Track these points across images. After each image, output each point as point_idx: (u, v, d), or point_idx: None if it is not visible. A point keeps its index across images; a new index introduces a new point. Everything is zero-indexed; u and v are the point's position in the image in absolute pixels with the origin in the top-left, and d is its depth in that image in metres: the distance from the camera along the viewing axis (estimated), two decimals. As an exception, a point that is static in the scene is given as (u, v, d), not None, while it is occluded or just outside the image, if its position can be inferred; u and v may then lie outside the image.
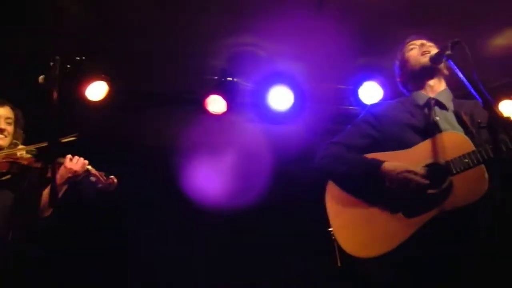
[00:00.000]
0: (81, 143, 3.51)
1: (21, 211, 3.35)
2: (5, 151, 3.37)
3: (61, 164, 3.38)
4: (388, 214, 2.74)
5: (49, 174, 3.23)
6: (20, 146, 3.45)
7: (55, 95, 2.51)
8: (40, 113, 3.40)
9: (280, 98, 5.33)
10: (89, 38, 4.76)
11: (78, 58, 4.83)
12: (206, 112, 5.38)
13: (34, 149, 3.42)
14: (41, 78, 2.63)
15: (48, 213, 3.30)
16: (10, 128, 3.49)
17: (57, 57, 2.61)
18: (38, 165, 3.34)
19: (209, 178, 5.94)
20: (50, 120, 2.49)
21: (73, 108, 4.88)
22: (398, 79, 3.27)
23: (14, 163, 3.30)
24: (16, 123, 3.56)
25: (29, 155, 3.39)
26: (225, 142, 5.87)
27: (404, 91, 3.24)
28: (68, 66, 4.73)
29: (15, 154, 3.36)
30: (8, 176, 3.34)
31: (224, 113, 5.39)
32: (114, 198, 3.73)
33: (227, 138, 5.80)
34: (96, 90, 5.09)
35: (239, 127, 5.75)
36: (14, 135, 3.52)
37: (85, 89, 5.04)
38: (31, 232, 3.33)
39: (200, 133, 5.75)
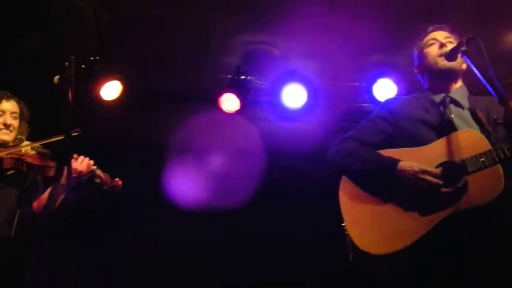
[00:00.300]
0: (95, 142, 3.51)
1: (24, 208, 3.36)
2: (10, 148, 3.34)
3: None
4: (401, 212, 2.72)
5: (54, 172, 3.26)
6: (25, 142, 3.43)
7: (70, 95, 2.52)
8: (49, 110, 3.44)
9: (294, 96, 5.32)
10: (103, 37, 4.78)
11: (92, 58, 4.87)
12: (220, 110, 5.39)
13: (39, 146, 3.41)
14: (56, 78, 2.64)
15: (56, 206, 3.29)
16: (15, 123, 3.47)
17: (72, 57, 2.61)
18: (43, 162, 3.33)
19: (222, 176, 5.94)
20: (65, 120, 2.50)
21: (88, 107, 4.90)
22: (415, 70, 3.22)
23: (18, 160, 3.27)
24: (21, 117, 3.54)
25: (34, 152, 3.37)
26: (238, 140, 5.87)
27: (421, 80, 3.20)
28: (83, 66, 4.81)
29: (20, 150, 3.34)
30: (12, 171, 3.32)
31: (237, 111, 5.40)
32: (119, 198, 3.69)
33: (240, 136, 5.80)
34: (110, 90, 5.12)
35: (252, 125, 5.75)
36: (19, 129, 3.51)
37: (100, 88, 5.07)
38: (33, 230, 3.33)
39: (214, 131, 5.77)
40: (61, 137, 3.24)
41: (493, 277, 2.57)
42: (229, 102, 5.37)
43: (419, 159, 2.75)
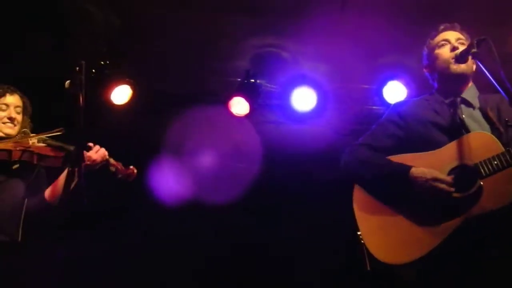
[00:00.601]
0: (105, 145, 3.51)
1: (32, 199, 3.34)
2: (18, 139, 3.35)
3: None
4: (416, 220, 2.69)
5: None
6: (32, 135, 3.43)
7: (81, 99, 2.53)
8: (58, 111, 3.46)
9: (304, 99, 5.32)
10: (112, 41, 4.80)
11: (102, 62, 4.89)
12: (229, 114, 5.40)
13: (46, 138, 3.40)
14: (67, 83, 2.65)
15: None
16: (19, 117, 3.47)
17: (83, 62, 2.62)
18: (50, 153, 3.32)
19: (233, 178, 5.94)
20: (76, 125, 2.51)
21: (99, 112, 4.92)
22: (424, 69, 3.17)
23: (26, 151, 3.26)
24: (24, 111, 3.54)
25: (41, 144, 3.37)
26: (248, 144, 5.87)
27: (430, 80, 3.16)
28: (93, 70, 4.83)
29: (27, 142, 3.34)
30: (17, 166, 3.32)
31: (247, 115, 5.40)
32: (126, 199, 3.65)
33: (251, 139, 5.80)
34: (120, 94, 5.14)
35: (262, 128, 5.75)
36: (22, 124, 3.50)
37: (110, 93, 5.09)
38: (42, 221, 3.32)
39: (224, 135, 5.77)
40: (59, 132, 3.28)
41: (505, 282, 2.55)
42: (239, 106, 5.37)
43: (432, 164, 2.72)
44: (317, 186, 5.97)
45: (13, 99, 3.47)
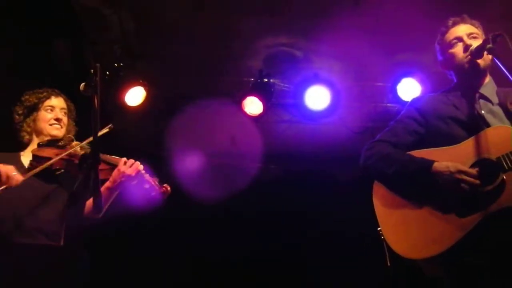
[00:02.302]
0: (120, 145, 3.50)
1: (73, 209, 3.33)
2: (61, 149, 3.26)
3: (115, 166, 3.28)
4: (438, 215, 2.67)
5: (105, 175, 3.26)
6: (75, 143, 3.35)
7: (96, 101, 2.54)
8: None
9: (318, 97, 5.31)
10: (127, 44, 4.83)
11: (116, 64, 4.91)
12: (243, 113, 5.40)
13: (88, 145, 3.31)
14: (82, 85, 2.66)
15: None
16: (65, 119, 3.46)
17: (98, 64, 2.63)
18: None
19: (250, 179, 5.95)
20: (92, 126, 2.52)
21: (114, 113, 4.95)
22: (440, 65, 3.11)
23: (69, 161, 3.21)
24: (69, 114, 3.53)
25: (83, 151, 3.29)
26: (263, 143, 5.87)
27: (448, 75, 3.12)
28: (107, 72, 4.86)
29: (70, 151, 3.25)
30: (61, 171, 3.28)
31: (261, 114, 5.40)
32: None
33: (265, 139, 5.79)
34: (135, 96, 5.16)
35: (276, 127, 5.75)
36: (68, 127, 3.49)
37: (124, 94, 5.12)
38: (82, 232, 3.34)
39: (237, 135, 5.79)
40: (107, 130, 3.23)
41: None
42: (253, 106, 5.38)
43: (453, 158, 2.69)
44: (333, 184, 5.96)
45: (58, 102, 3.47)
